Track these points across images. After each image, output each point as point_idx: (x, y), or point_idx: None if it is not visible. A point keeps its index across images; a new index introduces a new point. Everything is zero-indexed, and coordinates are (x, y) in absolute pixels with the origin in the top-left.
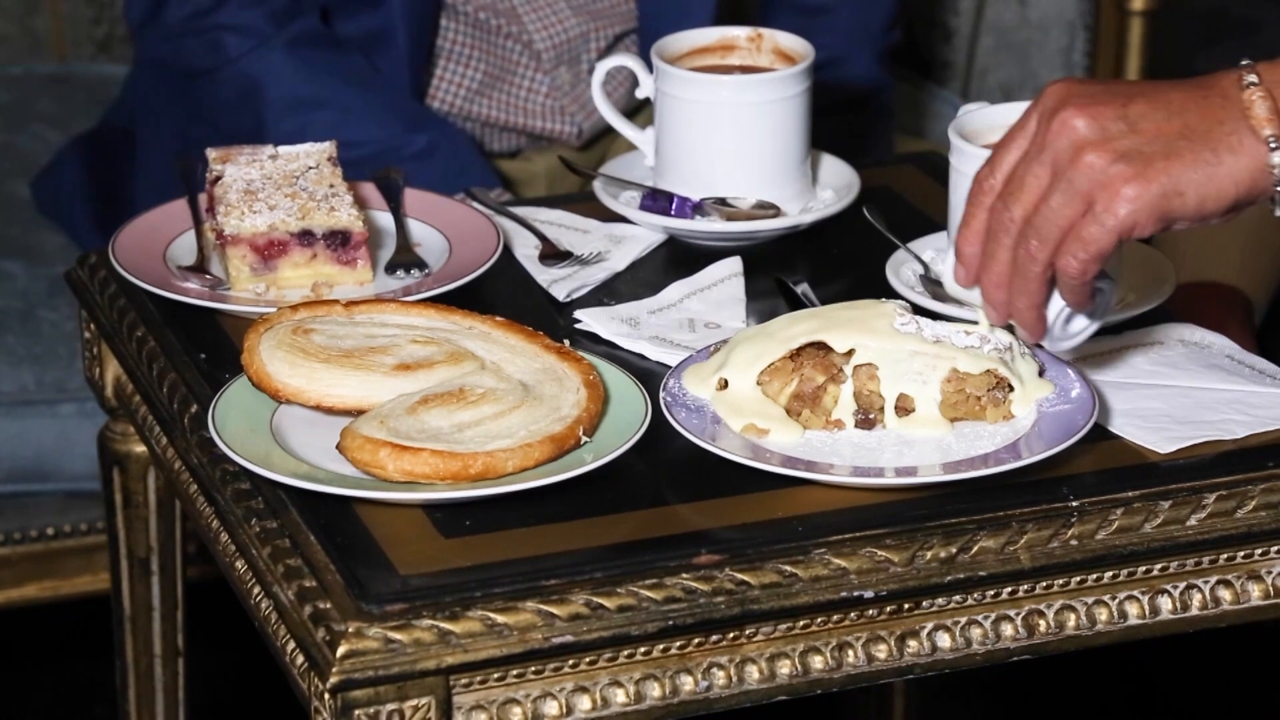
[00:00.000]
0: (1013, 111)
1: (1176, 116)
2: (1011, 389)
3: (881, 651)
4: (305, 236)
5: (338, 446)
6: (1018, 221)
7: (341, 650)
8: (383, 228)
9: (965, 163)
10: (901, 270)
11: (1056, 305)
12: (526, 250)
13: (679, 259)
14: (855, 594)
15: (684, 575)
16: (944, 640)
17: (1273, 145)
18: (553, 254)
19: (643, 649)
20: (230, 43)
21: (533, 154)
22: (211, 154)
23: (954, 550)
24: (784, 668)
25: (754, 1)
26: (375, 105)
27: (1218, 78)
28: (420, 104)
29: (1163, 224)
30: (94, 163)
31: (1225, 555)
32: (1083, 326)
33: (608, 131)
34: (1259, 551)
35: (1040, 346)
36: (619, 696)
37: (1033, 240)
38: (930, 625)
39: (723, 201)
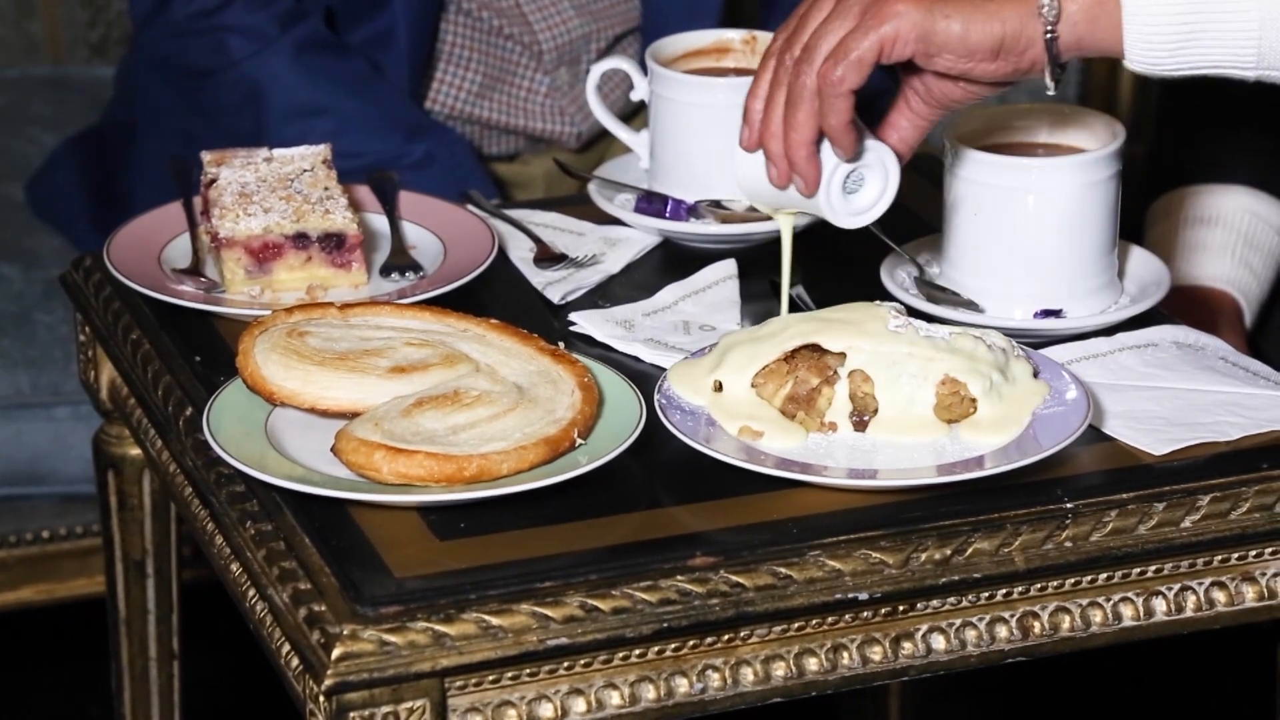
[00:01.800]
0: (1006, 114)
1: None
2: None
3: (876, 653)
4: (300, 239)
5: (333, 449)
6: (796, 58)
7: (336, 653)
8: (378, 230)
9: (960, 166)
10: (896, 273)
11: (830, 159)
12: (521, 253)
13: (674, 262)
14: (850, 596)
15: (679, 577)
16: (939, 642)
17: None
18: (547, 256)
19: (638, 651)
20: (234, 45)
21: (530, 157)
22: (206, 157)
23: (949, 552)
24: (779, 670)
25: (755, 4)
26: (375, 115)
27: None
28: (420, 111)
29: (925, 46)
30: (89, 164)
31: (1219, 557)
32: (869, 202)
33: (605, 134)
34: (1253, 553)
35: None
36: (614, 699)
37: (804, 65)
38: (925, 627)
39: (717, 204)
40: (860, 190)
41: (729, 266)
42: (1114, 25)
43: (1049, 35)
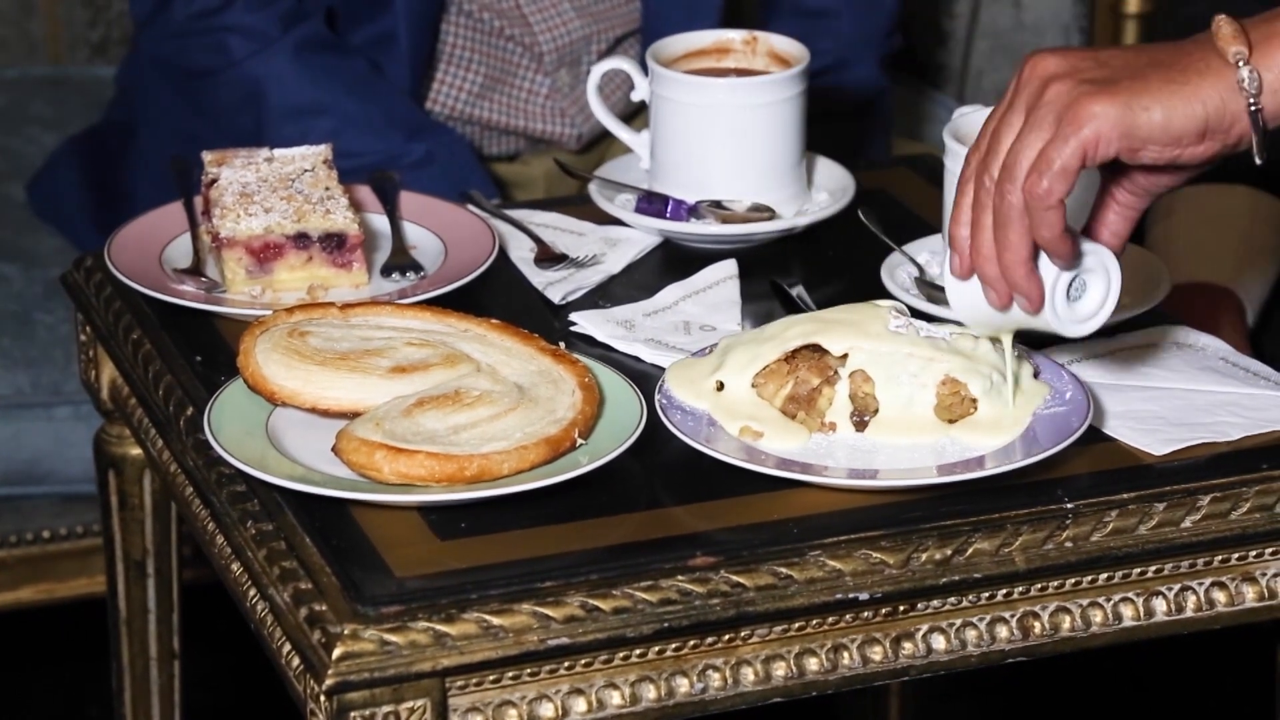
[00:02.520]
0: None
1: (1145, 53)
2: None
3: (877, 653)
4: (301, 239)
5: (333, 449)
6: (997, 178)
7: (337, 652)
8: (378, 230)
9: (960, 166)
10: (896, 273)
11: (1050, 270)
12: (522, 253)
13: (674, 262)
14: (850, 596)
15: (679, 577)
16: (939, 642)
17: (1239, 62)
18: (548, 257)
19: (638, 651)
20: (235, 45)
21: (530, 157)
22: (207, 157)
23: (949, 552)
24: (779, 670)
25: (755, 5)
26: (375, 115)
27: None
28: (420, 111)
29: (1129, 142)
30: (90, 164)
31: (1220, 557)
32: (1094, 307)
33: (606, 135)
34: (1253, 553)
35: (1060, 340)
36: (614, 698)
37: (1007, 184)
38: (925, 627)
39: (718, 204)
40: (1084, 295)
41: (729, 267)
42: None
43: (1253, 108)
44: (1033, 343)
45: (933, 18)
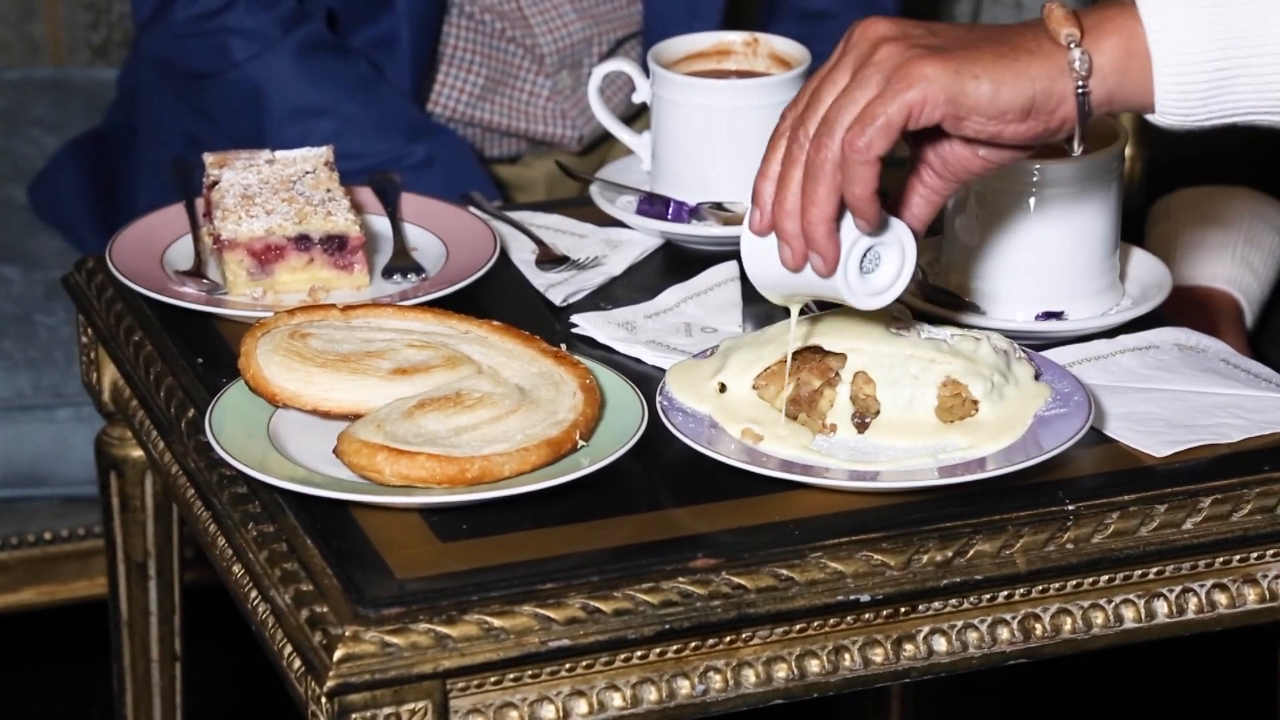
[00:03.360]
0: None
1: (978, 30)
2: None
3: (878, 655)
4: (302, 241)
5: (334, 450)
6: (814, 132)
7: (338, 654)
8: (379, 232)
9: None
10: None
11: (850, 234)
12: (523, 255)
13: (675, 263)
14: (851, 598)
15: (680, 579)
16: (940, 644)
17: (1070, 44)
18: (549, 258)
19: (639, 653)
20: (236, 46)
21: (531, 159)
22: (208, 159)
23: (950, 554)
24: (780, 671)
25: (756, 6)
26: (376, 116)
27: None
28: (421, 113)
29: (954, 109)
30: (91, 165)
31: (1221, 559)
32: (886, 282)
33: (607, 137)
34: (1254, 555)
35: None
36: (615, 700)
37: (825, 138)
38: (926, 629)
39: (719, 206)
40: (877, 269)
41: (731, 268)
42: (1144, 77)
43: (1081, 91)
44: (1035, 345)
45: (933, 19)
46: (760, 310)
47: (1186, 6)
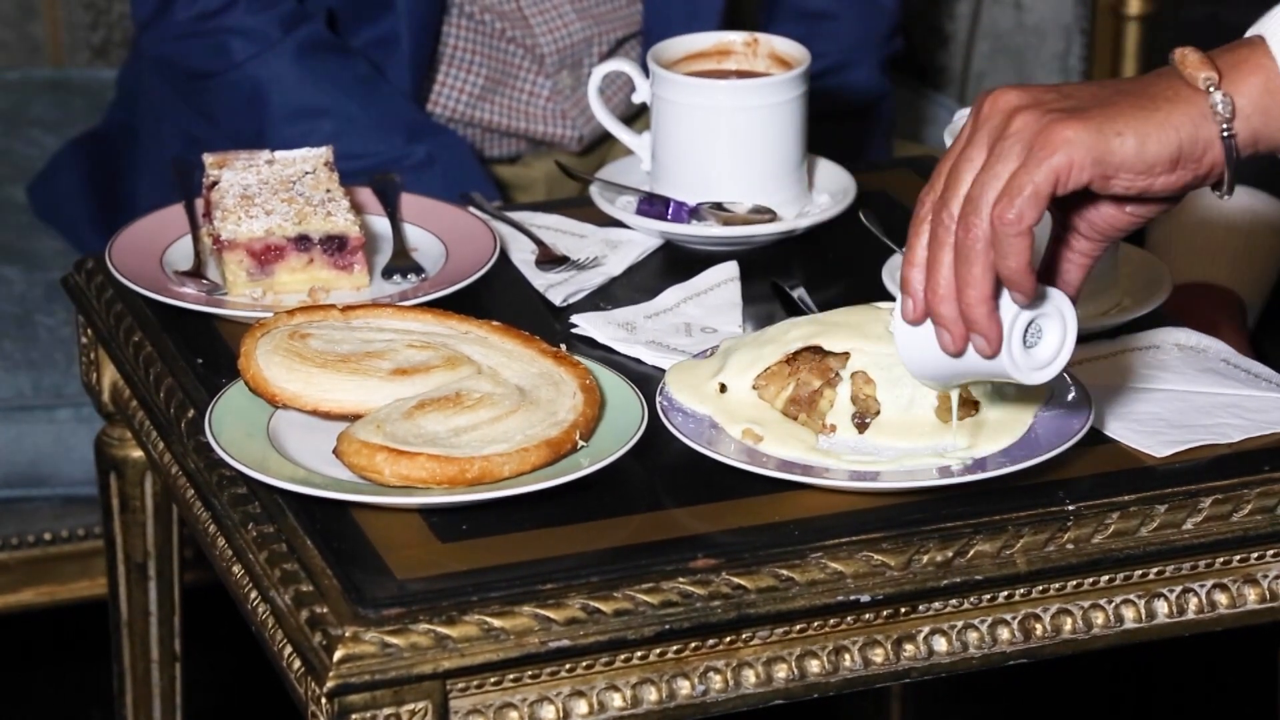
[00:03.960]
0: None
1: (1110, 85)
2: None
3: (878, 655)
4: (302, 241)
5: (334, 451)
6: (957, 213)
7: (338, 655)
8: (379, 233)
9: None
10: (897, 274)
11: (1010, 310)
12: (523, 255)
13: (675, 264)
14: (852, 598)
15: (680, 579)
16: (940, 644)
17: (1209, 87)
18: (549, 259)
19: (639, 653)
20: (236, 46)
21: (531, 159)
22: (208, 159)
23: (950, 554)
24: (781, 672)
25: (756, 7)
26: (376, 116)
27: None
28: (421, 113)
29: (1102, 169)
30: (91, 166)
31: (1221, 559)
32: (1051, 354)
33: (607, 137)
34: (1254, 555)
35: (1013, 384)
36: (615, 701)
37: (972, 216)
38: (927, 629)
39: (719, 206)
40: (1040, 342)
41: (731, 269)
42: None
43: (1226, 134)
44: None
45: (934, 19)
46: (760, 310)
47: None
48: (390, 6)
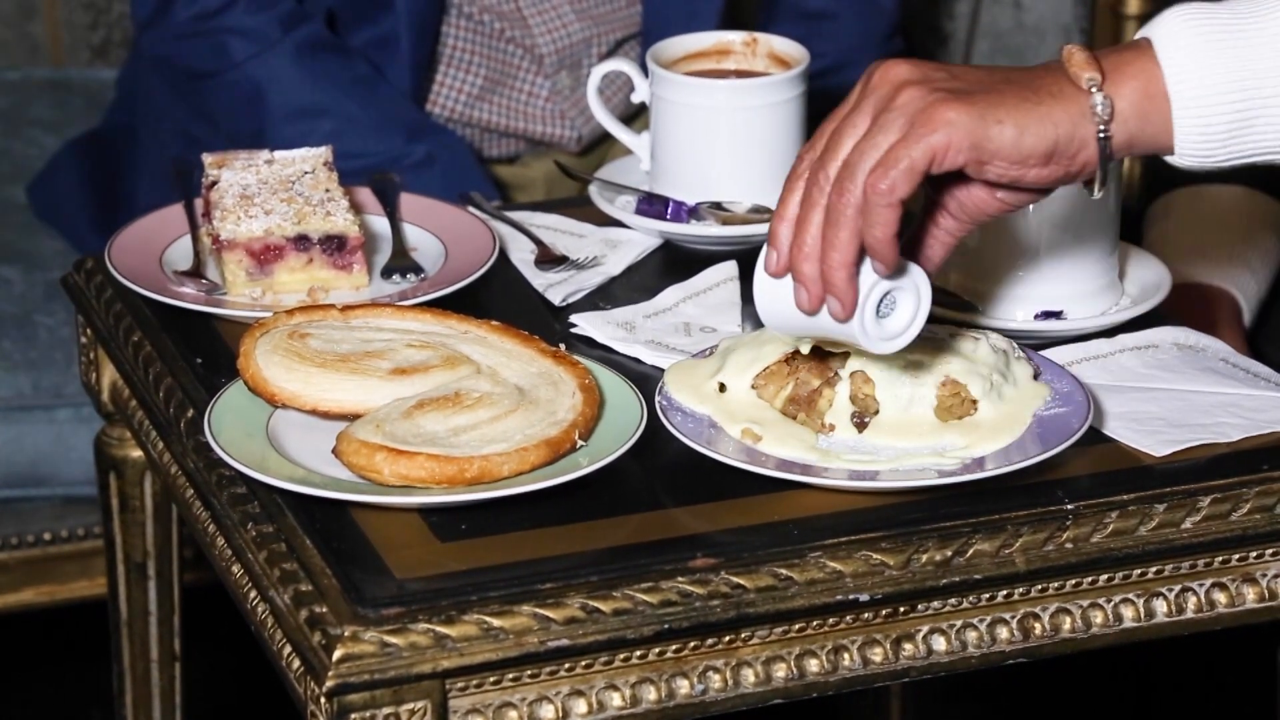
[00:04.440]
0: None
1: (999, 72)
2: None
3: (877, 655)
4: (301, 241)
5: (334, 451)
6: (833, 176)
7: (338, 654)
8: (379, 232)
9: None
10: None
11: (869, 278)
12: (522, 255)
13: (675, 263)
14: (851, 597)
15: (680, 579)
16: (939, 643)
17: (1092, 88)
18: (548, 258)
19: (639, 652)
20: (236, 47)
21: (531, 159)
22: (207, 159)
23: (949, 553)
24: (780, 671)
25: (755, 7)
26: (376, 116)
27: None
28: (421, 112)
29: (978, 154)
30: (91, 166)
31: (1220, 558)
32: (901, 326)
33: (606, 137)
34: (1254, 554)
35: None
36: (615, 700)
37: (847, 181)
38: (926, 628)
39: (718, 206)
40: (892, 314)
41: (730, 268)
42: (1164, 120)
43: (1102, 135)
44: (1034, 345)
45: (933, 19)
46: None
47: (1205, 49)
48: (389, 7)
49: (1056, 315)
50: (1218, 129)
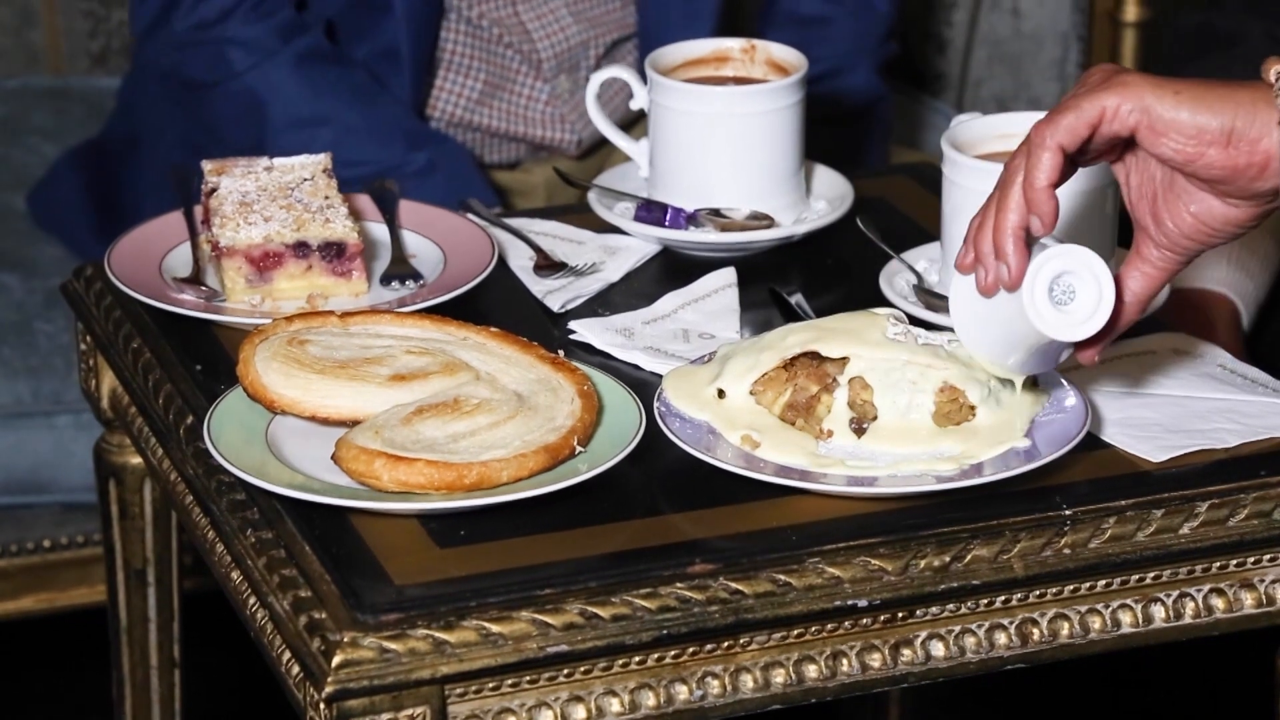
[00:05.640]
0: (1006, 122)
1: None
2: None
3: (876, 660)
4: (300, 248)
5: (333, 457)
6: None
7: (337, 660)
8: (378, 239)
9: (958, 173)
10: (895, 280)
11: (1040, 257)
12: (521, 261)
13: (673, 270)
14: (849, 603)
15: (678, 584)
16: (938, 649)
17: (1278, 79)
18: (547, 265)
19: (637, 658)
20: (236, 56)
21: (531, 165)
22: (207, 166)
23: (947, 559)
24: (778, 676)
25: (752, 13)
26: (376, 124)
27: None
28: (420, 120)
29: (1149, 118)
30: (91, 173)
31: (1218, 564)
32: (1084, 314)
33: (606, 142)
34: (1251, 560)
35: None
36: (614, 706)
37: (1019, 147)
38: (924, 634)
39: (717, 212)
40: (1071, 303)
41: (728, 274)
42: None
43: None
44: None
45: (932, 26)
46: (757, 316)
47: None
48: (389, 12)
49: None
50: None
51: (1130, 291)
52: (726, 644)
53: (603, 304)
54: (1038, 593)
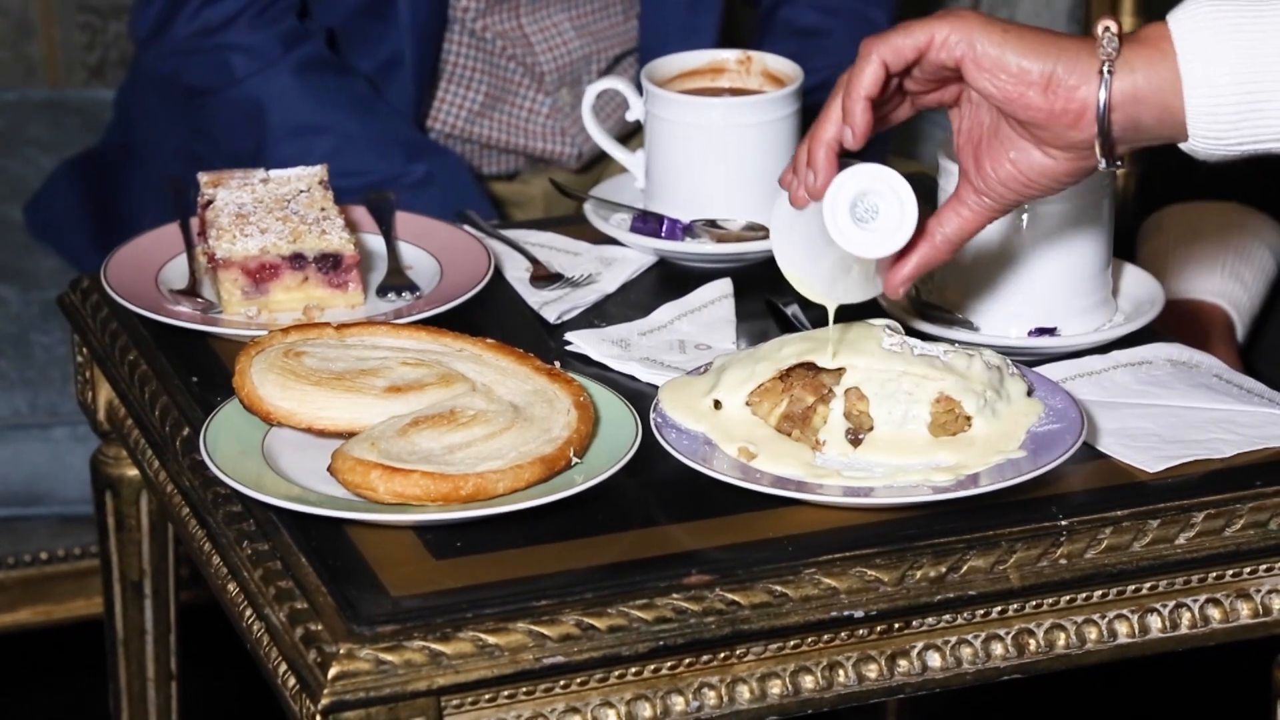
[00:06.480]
0: None
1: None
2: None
3: (872, 671)
4: (296, 260)
5: (329, 469)
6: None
7: (333, 671)
8: (374, 251)
9: (953, 184)
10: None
11: (843, 175)
12: (517, 273)
13: (669, 281)
14: (845, 614)
15: (674, 595)
16: (934, 659)
17: (1104, 30)
18: (543, 276)
19: (634, 669)
20: (237, 64)
21: (530, 176)
22: (203, 178)
23: (944, 570)
24: (775, 688)
25: (750, 24)
26: (375, 134)
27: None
28: (420, 131)
29: (973, 51)
30: (88, 185)
31: (1214, 574)
32: (884, 231)
33: (606, 155)
34: (1247, 570)
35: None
36: (610, 717)
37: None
38: (920, 645)
39: (713, 223)
40: (873, 221)
41: (724, 285)
42: (1174, 91)
43: (1106, 70)
44: (1028, 361)
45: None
46: (754, 327)
47: (1218, 30)
48: (393, 23)
49: (1050, 332)
50: (1228, 108)
51: (942, 233)
52: (723, 655)
53: (599, 315)
54: (1034, 603)
